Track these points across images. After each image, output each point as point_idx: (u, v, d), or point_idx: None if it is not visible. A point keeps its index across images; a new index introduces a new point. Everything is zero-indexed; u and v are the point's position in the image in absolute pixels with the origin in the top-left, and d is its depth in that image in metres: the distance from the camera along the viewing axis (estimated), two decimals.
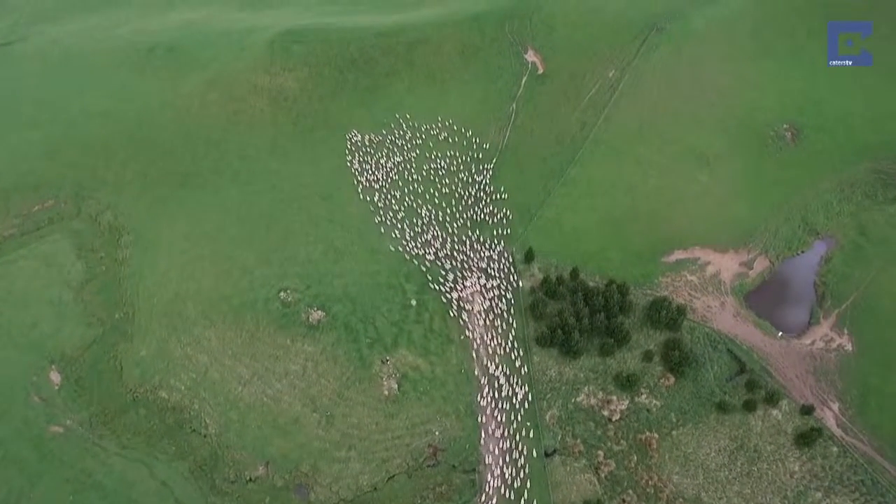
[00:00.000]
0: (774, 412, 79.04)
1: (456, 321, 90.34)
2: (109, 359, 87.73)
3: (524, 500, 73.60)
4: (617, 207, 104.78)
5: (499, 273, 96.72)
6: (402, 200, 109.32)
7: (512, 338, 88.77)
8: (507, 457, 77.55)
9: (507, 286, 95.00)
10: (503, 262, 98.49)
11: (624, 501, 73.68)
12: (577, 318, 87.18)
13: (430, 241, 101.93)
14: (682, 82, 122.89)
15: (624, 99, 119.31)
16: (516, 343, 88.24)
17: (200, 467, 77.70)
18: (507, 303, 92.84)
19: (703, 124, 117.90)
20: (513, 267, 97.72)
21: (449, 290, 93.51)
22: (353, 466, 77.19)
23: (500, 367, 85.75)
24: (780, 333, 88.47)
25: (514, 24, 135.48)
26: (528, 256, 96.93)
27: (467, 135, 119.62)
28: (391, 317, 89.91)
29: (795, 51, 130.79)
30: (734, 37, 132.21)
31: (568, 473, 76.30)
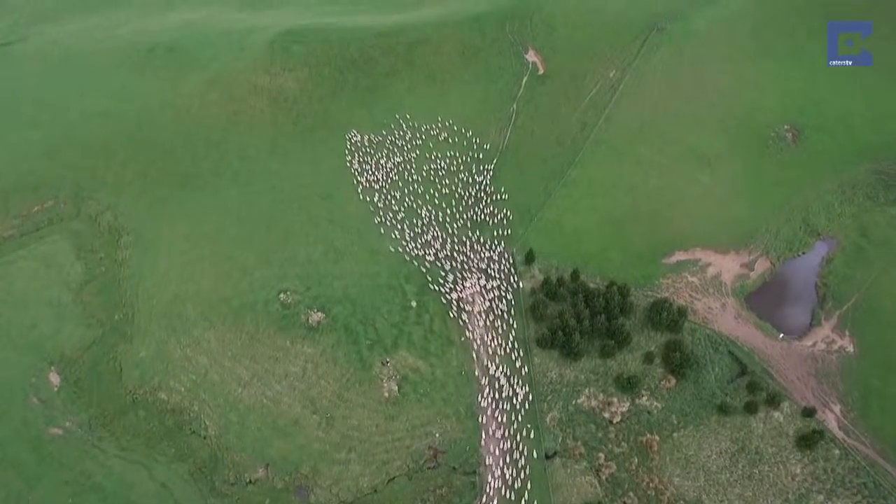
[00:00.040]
0: (776, 414, 78.78)
1: (456, 323, 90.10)
2: (109, 360, 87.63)
3: (524, 502, 73.34)
4: (618, 208, 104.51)
5: (499, 274, 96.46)
6: (402, 201, 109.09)
7: (512, 338, 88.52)
8: (508, 459, 77.29)
9: (507, 287, 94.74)
10: (503, 262, 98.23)
11: None
12: (577, 319, 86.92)
13: (430, 242, 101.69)
14: (682, 83, 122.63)
15: (625, 99, 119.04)
16: (517, 344, 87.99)
17: (200, 469, 77.54)
18: (507, 304, 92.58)
19: (704, 125, 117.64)
20: (513, 268, 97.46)
21: (449, 291, 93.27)
22: (353, 468, 76.99)
23: (500, 367, 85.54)
24: (781, 335, 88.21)
25: (514, 24, 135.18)
26: (529, 258, 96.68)
27: (467, 135, 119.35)
28: (391, 318, 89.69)
29: (796, 51, 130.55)
30: (735, 37, 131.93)
31: (569, 475, 76.07)
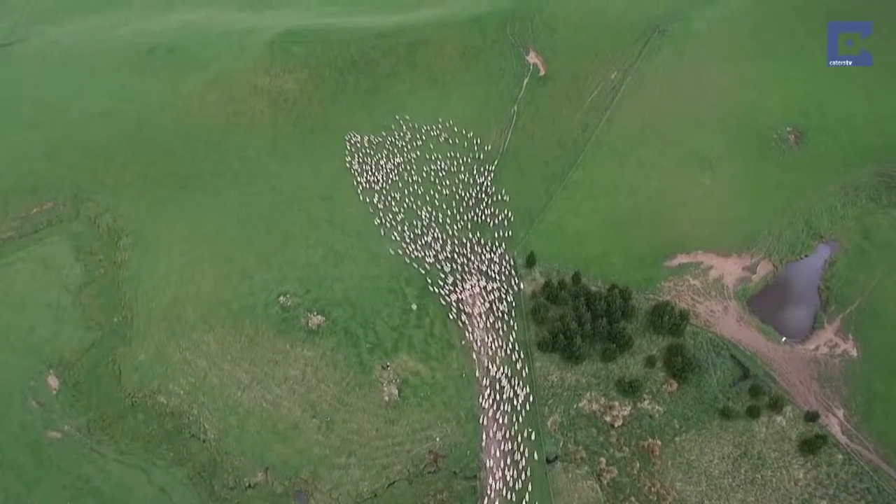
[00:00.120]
0: (778, 419, 78.28)
1: (457, 326, 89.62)
2: (108, 363, 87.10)
3: None
4: (619, 210, 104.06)
5: (499, 276, 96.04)
6: (402, 202, 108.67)
7: (513, 340, 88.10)
8: (509, 460, 76.81)
9: (507, 289, 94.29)
10: (504, 264, 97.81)
11: None
12: (579, 323, 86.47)
13: (431, 244, 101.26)
14: (684, 84, 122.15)
15: (626, 101, 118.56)
16: (517, 345, 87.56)
17: (199, 473, 77.11)
18: (507, 305, 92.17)
19: (706, 126, 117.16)
20: (513, 270, 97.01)
21: (448, 293, 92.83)
22: (353, 473, 76.56)
23: (500, 369, 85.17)
24: (783, 338, 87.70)
25: (515, 25, 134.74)
26: (530, 261, 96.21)
27: (468, 136, 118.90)
28: (391, 321, 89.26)
29: (796, 51, 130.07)
30: (735, 38, 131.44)
31: (570, 480, 75.62)
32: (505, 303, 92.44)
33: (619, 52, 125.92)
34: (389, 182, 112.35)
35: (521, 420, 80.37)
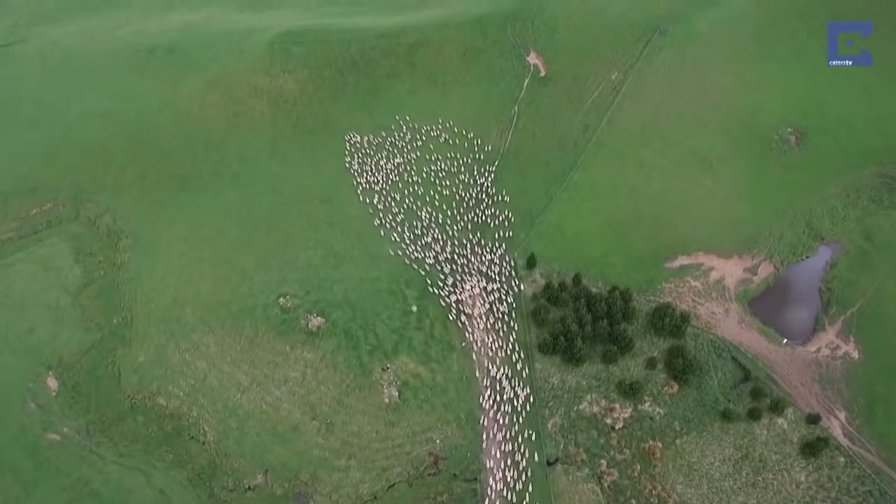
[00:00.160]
0: (780, 421, 78.02)
1: (457, 327, 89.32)
2: (107, 365, 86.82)
3: None
4: (620, 212, 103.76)
5: (499, 277, 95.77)
6: (401, 203, 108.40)
7: (513, 340, 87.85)
8: (509, 465, 76.54)
9: (507, 290, 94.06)
10: (504, 265, 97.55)
11: None
12: (579, 324, 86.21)
13: (431, 244, 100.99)
14: (685, 85, 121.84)
15: (627, 102, 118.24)
16: (517, 346, 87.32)
17: (199, 475, 76.86)
18: (508, 306, 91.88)
19: (707, 127, 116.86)
20: (514, 271, 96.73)
21: (448, 293, 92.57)
22: (352, 475, 76.30)
23: (500, 369, 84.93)
24: (784, 340, 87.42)
25: (516, 26, 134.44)
26: (531, 262, 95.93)
27: (468, 137, 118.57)
28: (392, 323, 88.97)
29: (798, 52, 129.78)
30: (736, 39, 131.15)
31: (570, 483, 75.37)
32: (505, 304, 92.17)
33: (619, 53, 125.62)
34: (389, 183, 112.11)
35: (521, 421, 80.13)
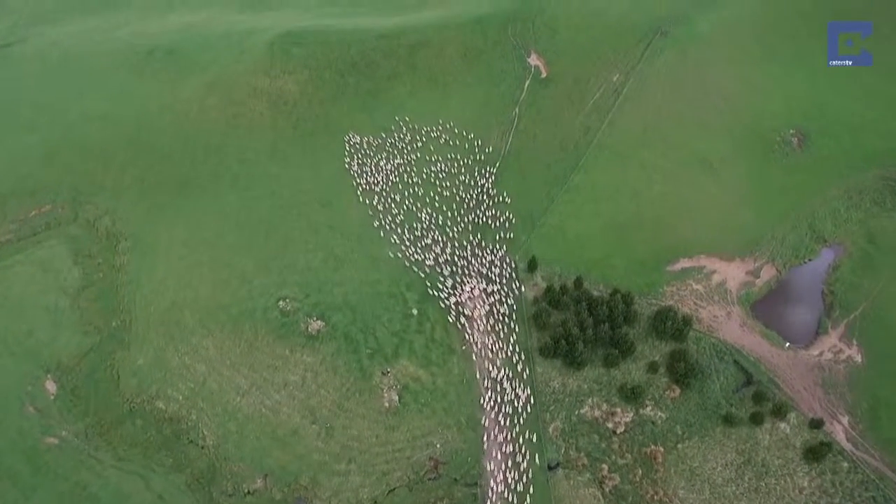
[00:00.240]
0: (782, 425, 77.51)
1: (458, 331, 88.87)
2: (106, 368, 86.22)
3: None
4: (621, 214, 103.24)
5: (500, 278, 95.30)
6: (401, 204, 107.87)
7: (513, 342, 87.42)
8: (510, 462, 76.10)
9: (508, 292, 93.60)
10: (505, 267, 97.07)
11: None
12: (580, 328, 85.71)
13: (431, 246, 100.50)
14: (686, 86, 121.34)
15: (628, 103, 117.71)
16: (518, 347, 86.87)
17: (198, 480, 76.30)
18: (508, 308, 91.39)
19: (709, 129, 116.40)
20: (514, 273, 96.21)
21: (447, 295, 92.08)
22: (352, 479, 75.83)
23: (500, 370, 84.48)
24: (787, 344, 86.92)
25: (516, 26, 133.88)
26: (532, 265, 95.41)
27: (469, 138, 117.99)
28: (392, 326, 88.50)
29: (800, 54, 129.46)
30: (739, 40, 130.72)
31: (571, 487, 74.91)
32: (506, 305, 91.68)
33: (621, 54, 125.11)
34: (389, 184, 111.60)
35: (522, 422, 79.70)
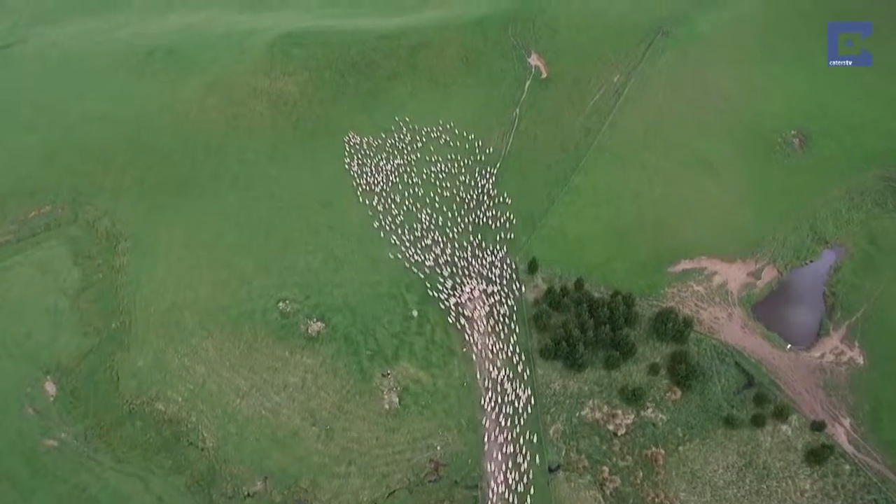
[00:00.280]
0: (784, 428, 77.27)
1: (459, 332, 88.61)
2: (105, 369, 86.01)
3: None
4: (622, 216, 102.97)
5: (500, 279, 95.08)
6: (401, 205, 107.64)
7: (513, 342, 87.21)
8: (510, 467, 75.79)
9: (508, 293, 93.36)
10: (505, 267, 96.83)
11: None
12: (581, 330, 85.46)
13: (431, 247, 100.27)
14: (687, 87, 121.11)
15: (629, 104, 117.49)
16: (518, 348, 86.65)
17: (197, 482, 76.08)
18: (508, 309, 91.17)
19: (710, 130, 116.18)
20: (515, 274, 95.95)
21: (447, 296, 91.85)
22: (353, 482, 75.61)
23: (501, 371, 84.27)
24: (788, 346, 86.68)
25: (517, 27, 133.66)
26: (532, 266, 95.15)
27: (469, 139, 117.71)
28: (392, 328, 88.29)
29: (800, 54, 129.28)
30: (740, 41, 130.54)
31: (572, 490, 74.66)
32: (506, 307, 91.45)
33: (621, 55, 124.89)
34: (389, 184, 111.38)
35: (522, 423, 79.51)
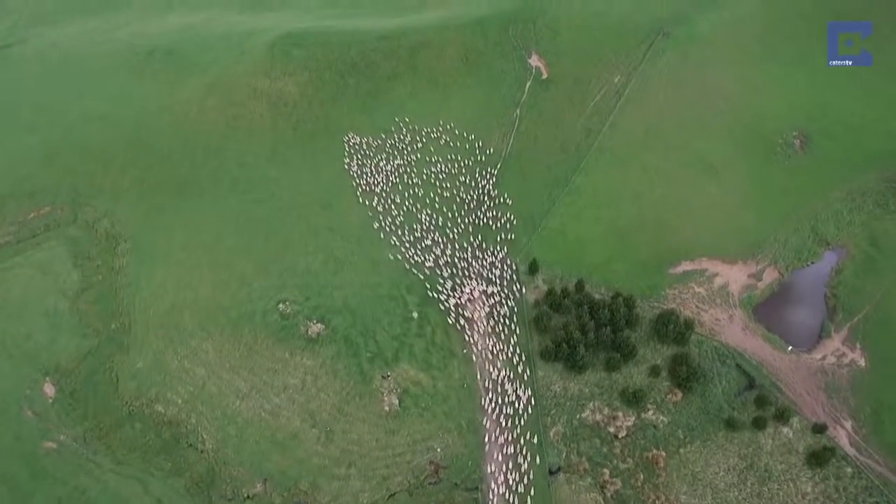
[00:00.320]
0: (785, 430, 77.02)
1: (459, 334, 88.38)
2: (105, 371, 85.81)
3: None
4: (622, 217, 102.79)
5: (500, 280, 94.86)
6: (401, 205, 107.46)
7: (514, 343, 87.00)
8: (510, 468, 75.56)
9: (508, 293, 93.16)
10: (505, 268, 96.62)
11: None
12: (582, 331, 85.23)
13: (431, 247, 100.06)
14: (688, 88, 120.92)
15: (630, 105, 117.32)
16: (518, 349, 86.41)
17: (197, 484, 75.83)
18: (508, 310, 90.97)
19: (710, 131, 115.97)
20: (515, 275, 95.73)
21: (447, 297, 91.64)
22: (352, 484, 75.36)
23: (501, 371, 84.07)
24: (790, 348, 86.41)
25: (517, 28, 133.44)
26: (533, 268, 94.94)
27: (469, 139, 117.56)
28: (392, 330, 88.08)
29: (801, 55, 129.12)
30: (740, 41, 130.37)
31: (573, 492, 74.40)
32: (506, 307, 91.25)
33: (622, 56, 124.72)
34: (389, 185, 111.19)
35: (522, 424, 79.30)
